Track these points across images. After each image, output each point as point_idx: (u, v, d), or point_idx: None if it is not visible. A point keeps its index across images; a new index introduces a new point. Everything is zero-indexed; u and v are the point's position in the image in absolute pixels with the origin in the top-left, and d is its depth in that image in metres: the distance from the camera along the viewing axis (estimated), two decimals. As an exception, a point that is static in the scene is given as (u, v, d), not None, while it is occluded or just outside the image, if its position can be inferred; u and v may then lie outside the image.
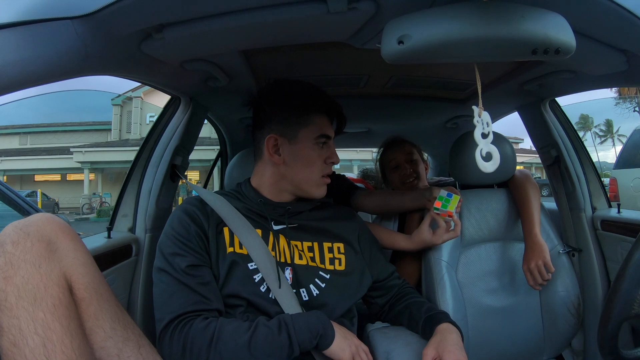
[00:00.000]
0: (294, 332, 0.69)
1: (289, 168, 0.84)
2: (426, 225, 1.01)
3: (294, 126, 0.83)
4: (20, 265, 0.54)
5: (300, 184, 0.85)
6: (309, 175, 0.84)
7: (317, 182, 0.85)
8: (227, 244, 0.78)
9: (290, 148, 0.83)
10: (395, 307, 0.93)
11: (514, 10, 0.54)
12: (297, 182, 0.85)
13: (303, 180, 0.84)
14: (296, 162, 0.83)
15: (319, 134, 0.84)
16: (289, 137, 0.83)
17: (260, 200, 0.85)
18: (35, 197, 12.11)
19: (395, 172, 1.37)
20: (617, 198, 4.47)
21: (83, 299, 0.60)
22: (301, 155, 0.83)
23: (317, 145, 0.84)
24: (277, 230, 0.84)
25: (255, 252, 0.78)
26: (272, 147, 0.83)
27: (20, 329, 0.51)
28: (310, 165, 0.84)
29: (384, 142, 1.45)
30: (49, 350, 0.52)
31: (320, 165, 0.85)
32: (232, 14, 0.63)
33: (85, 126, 18.29)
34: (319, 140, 0.84)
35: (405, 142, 1.40)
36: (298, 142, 0.83)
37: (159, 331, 0.70)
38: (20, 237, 0.56)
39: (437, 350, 0.75)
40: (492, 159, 0.60)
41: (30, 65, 0.51)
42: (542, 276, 1.01)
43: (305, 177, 0.84)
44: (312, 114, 0.84)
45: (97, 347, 0.61)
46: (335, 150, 0.88)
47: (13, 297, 0.52)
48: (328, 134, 0.85)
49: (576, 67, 0.90)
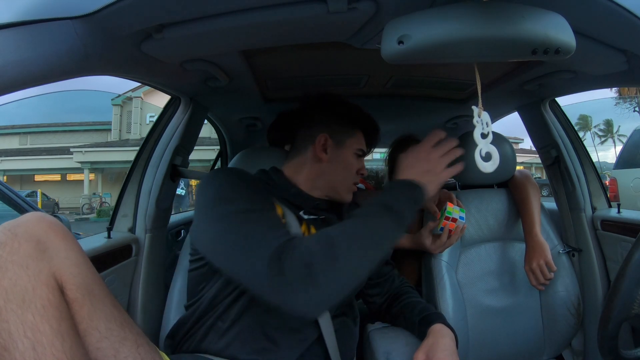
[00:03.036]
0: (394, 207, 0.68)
1: (331, 167, 0.90)
2: (427, 231, 1.04)
3: (344, 134, 0.91)
4: (8, 267, 0.53)
5: (336, 184, 0.91)
6: (345, 178, 0.91)
7: (348, 187, 0.92)
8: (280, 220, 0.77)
9: (337, 151, 0.90)
10: (393, 308, 0.93)
11: (514, 10, 0.54)
12: (333, 182, 0.90)
13: (339, 182, 0.91)
14: (338, 164, 0.90)
15: (360, 147, 0.93)
16: (337, 141, 0.90)
17: (293, 191, 0.87)
18: (35, 197, 12.12)
19: None
20: (617, 198, 4.47)
21: (75, 300, 0.58)
22: (343, 159, 0.91)
23: (355, 155, 0.92)
24: (307, 220, 0.86)
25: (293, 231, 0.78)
26: (322, 145, 0.89)
27: (9, 332, 0.50)
28: (348, 171, 0.91)
29: (397, 140, 1.46)
30: (39, 353, 0.50)
31: (354, 173, 0.92)
32: (232, 14, 0.63)
33: (85, 126, 18.30)
34: (358, 152, 0.93)
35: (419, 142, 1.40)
36: (344, 148, 0.91)
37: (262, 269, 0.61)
38: (8, 239, 0.54)
39: (427, 355, 0.75)
40: (492, 159, 0.61)
41: (30, 65, 0.51)
42: (545, 275, 1.01)
43: (342, 179, 0.91)
44: (357, 128, 0.94)
45: (92, 348, 0.59)
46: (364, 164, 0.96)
47: (1, 300, 0.51)
48: (364, 149, 0.95)
49: (576, 67, 0.90)
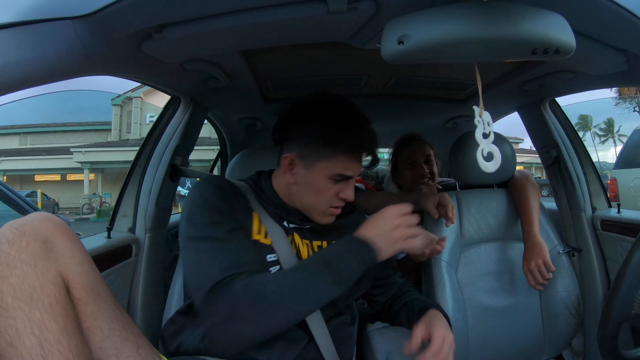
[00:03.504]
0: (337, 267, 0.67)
1: (299, 189, 0.80)
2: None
3: (315, 155, 0.77)
4: (16, 264, 0.53)
5: (306, 208, 0.82)
6: (316, 204, 0.81)
7: (322, 212, 0.82)
8: (254, 230, 0.78)
9: (305, 172, 0.78)
10: (395, 305, 0.93)
11: (514, 10, 0.54)
12: (303, 204, 0.82)
13: (309, 206, 0.82)
14: (307, 187, 0.79)
15: (337, 172, 0.77)
16: (306, 162, 0.78)
17: (277, 202, 0.83)
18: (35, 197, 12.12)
19: (410, 168, 1.38)
20: (617, 198, 4.47)
21: (80, 299, 0.59)
22: (312, 184, 0.78)
23: (331, 180, 0.78)
24: (292, 228, 0.83)
25: (279, 244, 0.78)
26: (288, 165, 0.80)
27: (16, 329, 0.51)
28: (319, 196, 0.79)
29: (402, 138, 1.47)
30: (45, 350, 0.51)
31: (329, 198, 0.80)
32: (232, 14, 0.63)
33: (85, 126, 18.32)
34: (335, 177, 0.78)
35: (424, 142, 1.42)
36: (314, 171, 0.77)
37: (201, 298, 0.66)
38: (16, 237, 0.55)
39: (427, 326, 0.75)
40: (494, 159, 0.60)
41: (30, 65, 0.51)
42: (543, 275, 1.01)
43: (312, 204, 0.81)
44: (338, 151, 0.76)
45: (95, 347, 0.60)
46: (352, 187, 0.81)
47: (9, 297, 0.52)
48: (347, 175, 0.78)
49: (576, 67, 0.90)
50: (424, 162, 1.37)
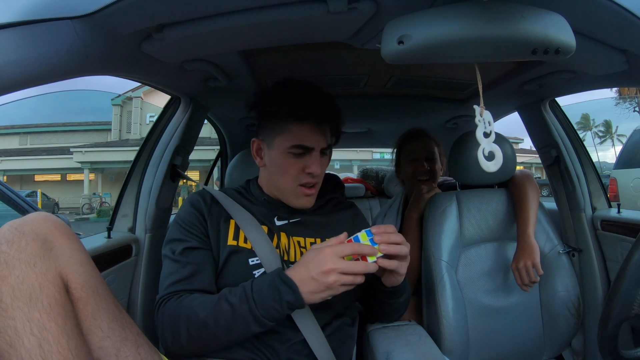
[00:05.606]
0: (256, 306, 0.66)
1: (270, 173, 0.85)
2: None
3: (271, 132, 0.81)
4: (15, 264, 0.53)
5: (279, 190, 0.85)
6: (284, 183, 0.82)
7: (294, 192, 0.82)
8: (229, 236, 0.80)
9: (269, 153, 0.83)
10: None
11: (514, 10, 0.54)
12: (277, 188, 0.85)
13: (280, 188, 0.84)
14: (274, 169, 0.83)
15: (293, 144, 0.78)
16: (267, 142, 0.83)
17: (264, 199, 0.87)
18: (35, 197, 12.13)
19: (411, 164, 1.38)
20: (617, 198, 4.47)
21: (80, 299, 0.59)
22: (276, 162, 0.82)
23: (290, 154, 0.80)
24: (279, 226, 0.84)
25: (260, 247, 0.78)
26: (257, 150, 0.87)
27: (16, 329, 0.51)
28: (285, 174, 0.81)
29: (408, 132, 1.46)
30: (45, 350, 0.51)
31: (294, 174, 0.81)
32: (232, 14, 0.63)
33: (85, 126, 18.33)
34: (293, 150, 0.79)
35: (429, 138, 1.41)
36: (273, 149, 0.82)
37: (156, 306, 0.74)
38: (15, 237, 0.55)
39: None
40: (495, 158, 0.60)
41: (30, 65, 0.51)
42: (530, 277, 1.00)
43: (281, 184, 0.83)
44: (289, 122, 0.78)
45: (94, 347, 0.60)
46: (318, 160, 0.81)
47: (8, 298, 0.52)
48: (305, 145, 0.79)
49: (576, 67, 0.90)
50: (426, 159, 1.36)
